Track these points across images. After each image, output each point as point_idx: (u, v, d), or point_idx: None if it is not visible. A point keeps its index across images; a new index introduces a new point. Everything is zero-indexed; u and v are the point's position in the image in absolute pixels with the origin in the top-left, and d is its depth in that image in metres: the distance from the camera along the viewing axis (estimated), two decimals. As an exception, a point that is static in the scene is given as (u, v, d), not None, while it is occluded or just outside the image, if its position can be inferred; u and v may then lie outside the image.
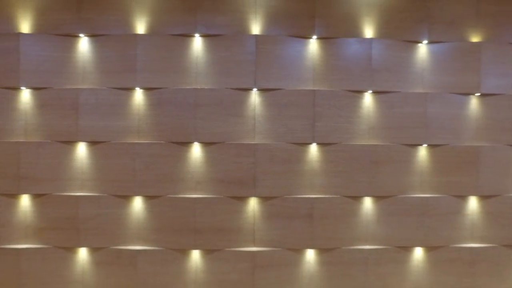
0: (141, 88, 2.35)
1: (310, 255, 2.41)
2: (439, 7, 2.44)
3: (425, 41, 2.44)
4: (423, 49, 2.45)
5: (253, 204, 2.39)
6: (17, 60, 2.32)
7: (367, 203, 2.43)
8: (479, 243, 2.49)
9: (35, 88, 2.34)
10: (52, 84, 2.34)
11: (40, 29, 2.34)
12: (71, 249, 2.36)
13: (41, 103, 2.34)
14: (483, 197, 2.48)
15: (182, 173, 2.36)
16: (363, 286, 2.42)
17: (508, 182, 2.49)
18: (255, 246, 2.38)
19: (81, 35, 2.34)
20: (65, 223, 2.35)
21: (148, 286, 2.36)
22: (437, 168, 2.46)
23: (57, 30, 2.34)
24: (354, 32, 2.42)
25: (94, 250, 2.37)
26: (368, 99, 2.42)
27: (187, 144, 2.36)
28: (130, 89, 2.35)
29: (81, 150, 2.36)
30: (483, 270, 2.48)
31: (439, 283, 2.48)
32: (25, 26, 2.34)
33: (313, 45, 2.40)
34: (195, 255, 2.37)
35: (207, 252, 2.37)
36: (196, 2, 2.35)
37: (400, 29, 2.43)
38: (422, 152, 2.46)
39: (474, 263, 2.47)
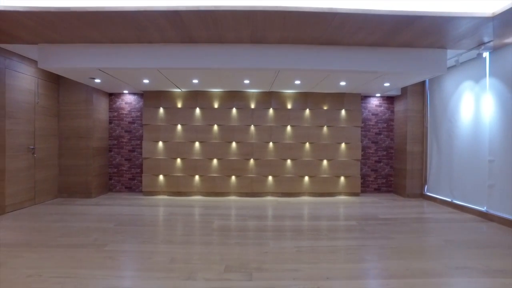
0: (216, 124, 7.36)
1: (270, 178, 7.37)
2: (312, 98, 7.45)
3: (308, 109, 7.45)
4: (307, 111, 7.46)
5: (252, 161, 7.35)
6: (175, 115, 7.35)
7: (289, 162, 7.39)
8: (327, 175, 7.43)
9: (182, 124, 7.36)
10: (198, 123, 7.36)
11: (184, 105, 7.39)
12: (192, 176, 7.32)
13: (184, 129, 7.35)
14: (328, 160, 7.44)
15: (229, 151, 7.34)
16: (285, 189, 7.35)
17: (336, 154, 7.45)
18: (252, 175, 7.34)
19: (197, 108, 7.37)
20: (190, 167, 7.31)
21: (219, 187, 7.29)
22: (312, 150, 7.42)
23: (188, 105, 7.38)
24: (283, 105, 7.43)
25: (200, 176, 7.32)
26: (289, 128, 7.42)
27: (231, 142, 7.35)
28: (212, 124, 7.36)
29: (197, 144, 7.35)
30: (328, 184, 7.40)
31: (314, 187, 7.39)
32: (179, 104, 7.39)
33: (271, 111, 7.42)
34: (233, 178, 7.33)
35: (237, 176, 7.32)
36: (232, 98, 7.39)
37: (299, 104, 7.44)
38: (307, 145, 7.43)
39: (325, 182, 7.39)
